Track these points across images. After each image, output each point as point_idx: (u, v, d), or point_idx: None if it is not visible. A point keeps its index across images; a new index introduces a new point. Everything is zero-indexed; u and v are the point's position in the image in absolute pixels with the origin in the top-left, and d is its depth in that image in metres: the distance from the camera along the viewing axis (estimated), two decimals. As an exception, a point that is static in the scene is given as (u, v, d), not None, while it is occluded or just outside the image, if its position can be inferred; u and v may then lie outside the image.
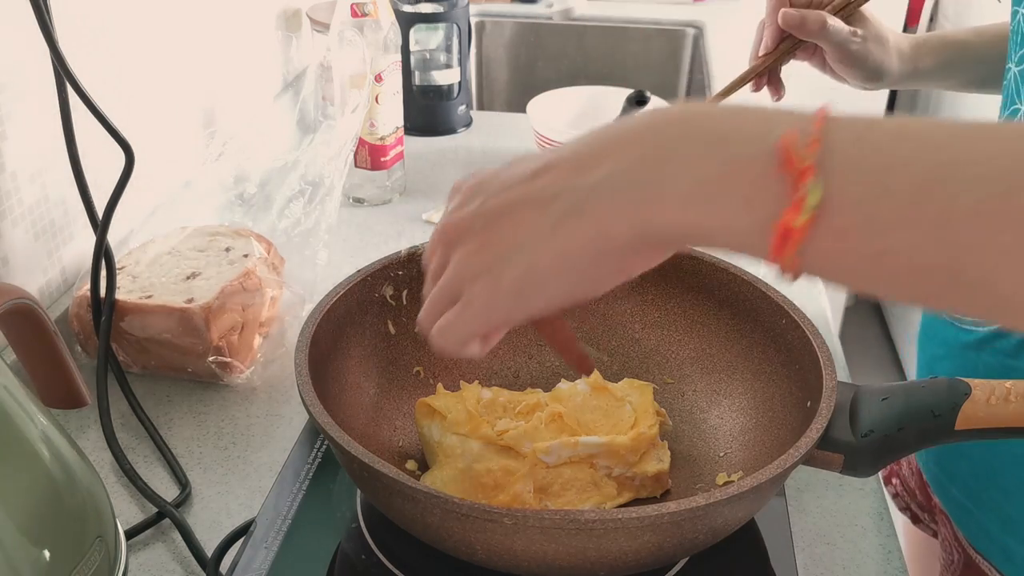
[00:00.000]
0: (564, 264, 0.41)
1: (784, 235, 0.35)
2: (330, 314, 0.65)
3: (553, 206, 0.41)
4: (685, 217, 0.38)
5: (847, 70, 0.89)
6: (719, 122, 0.38)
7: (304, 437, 0.70)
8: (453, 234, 0.45)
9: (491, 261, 0.43)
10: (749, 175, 0.36)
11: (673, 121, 0.39)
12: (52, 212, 0.84)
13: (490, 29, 1.84)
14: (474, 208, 0.44)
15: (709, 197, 0.37)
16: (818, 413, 0.56)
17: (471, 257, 0.44)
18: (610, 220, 0.39)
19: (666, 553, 0.53)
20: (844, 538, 0.65)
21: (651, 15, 1.83)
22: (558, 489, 0.61)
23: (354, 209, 1.12)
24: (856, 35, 0.86)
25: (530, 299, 0.42)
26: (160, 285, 0.80)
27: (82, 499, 0.49)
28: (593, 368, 0.59)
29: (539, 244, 0.41)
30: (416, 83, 1.31)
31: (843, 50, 0.87)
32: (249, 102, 1.22)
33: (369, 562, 0.59)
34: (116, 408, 0.76)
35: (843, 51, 0.87)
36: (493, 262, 0.43)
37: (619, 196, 0.39)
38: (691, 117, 0.39)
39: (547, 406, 0.64)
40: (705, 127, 0.38)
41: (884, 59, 0.88)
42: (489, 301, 0.43)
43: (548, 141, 1.16)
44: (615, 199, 0.39)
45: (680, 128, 0.39)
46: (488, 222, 0.43)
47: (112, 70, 0.91)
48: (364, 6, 1.04)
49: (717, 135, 0.38)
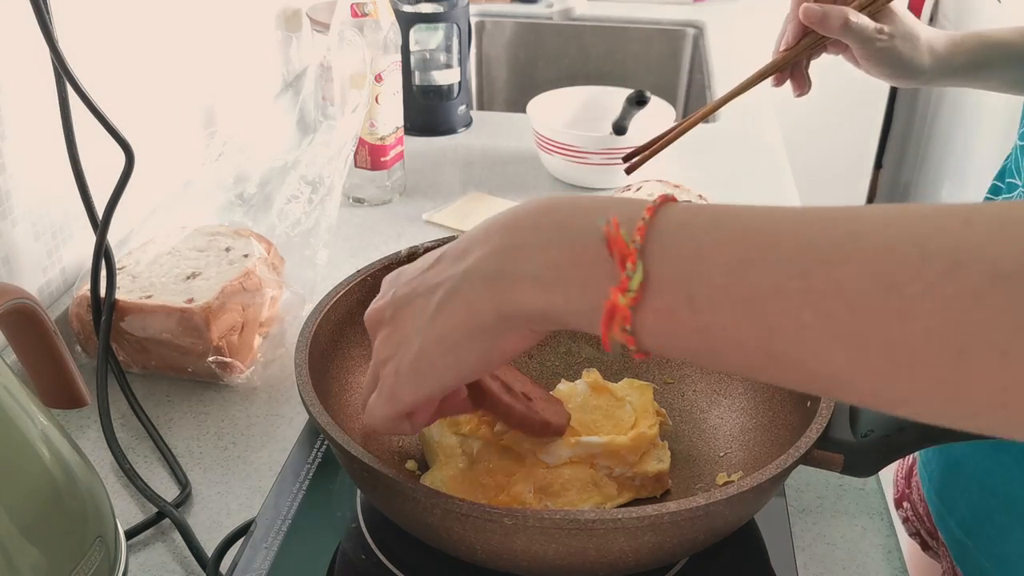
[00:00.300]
0: (443, 344, 0.45)
1: (611, 312, 0.38)
2: (330, 314, 0.65)
3: (436, 294, 0.45)
4: (536, 299, 0.41)
5: (875, 68, 0.87)
6: (563, 214, 0.42)
7: (304, 437, 0.70)
8: (370, 323, 0.50)
9: (394, 346, 0.48)
10: (585, 260, 0.40)
11: (530, 212, 0.43)
12: (52, 212, 0.84)
13: (490, 29, 1.85)
14: (387, 300, 0.49)
15: (553, 281, 0.41)
16: (818, 413, 0.56)
17: (382, 344, 0.49)
18: (476, 301, 0.43)
19: (666, 553, 0.53)
20: (844, 538, 0.65)
21: (651, 15, 1.83)
22: (558, 489, 0.61)
23: (354, 209, 1.12)
24: (883, 32, 0.84)
25: (425, 379, 0.46)
26: (160, 285, 0.80)
27: (82, 499, 0.49)
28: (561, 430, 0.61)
29: (425, 328, 0.46)
30: (416, 83, 1.31)
31: (869, 48, 0.85)
32: (249, 102, 1.22)
33: (369, 562, 0.59)
34: (116, 408, 0.76)
35: (869, 49, 0.85)
36: (396, 347, 0.48)
37: (483, 280, 0.43)
38: (543, 209, 0.43)
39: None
40: (552, 218, 0.42)
41: (914, 57, 0.86)
42: (394, 384, 0.48)
43: (548, 141, 1.16)
44: (480, 282, 0.43)
45: (534, 219, 0.43)
46: (395, 311, 0.48)
47: (112, 70, 0.91)
48: (364, 6, 1.04)
49: (559, 224, 0.41)
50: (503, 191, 1.17)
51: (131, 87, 0.94)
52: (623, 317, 0.38)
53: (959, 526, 0.75)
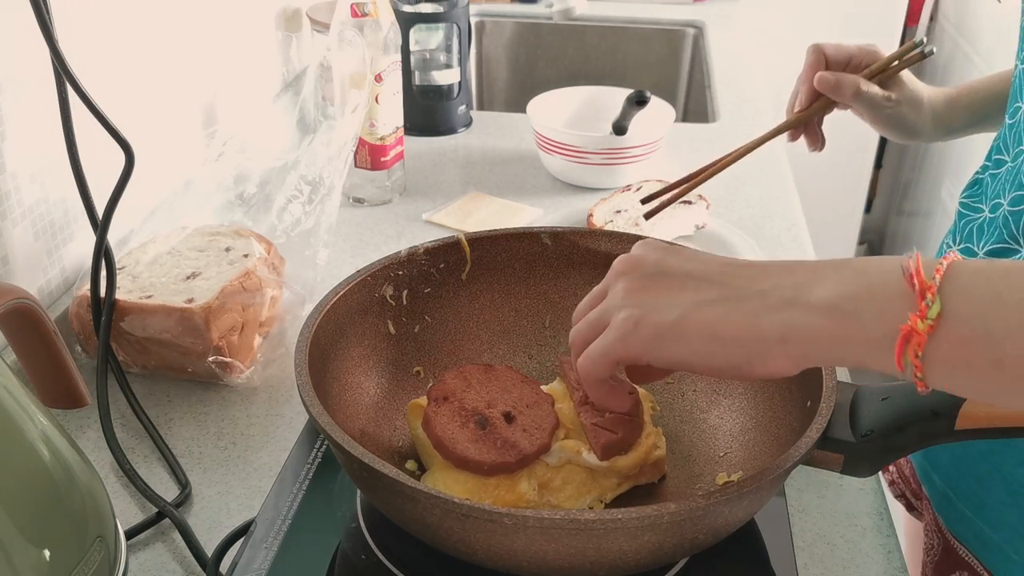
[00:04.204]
0: (706, 332, 0.48)
1: (907, 336, 0.42)
2: (330, 314, 0.65)
3: (721, 291, 0.48)
4: (829, 326, 0.45)
5: (881, 129, 0.94)
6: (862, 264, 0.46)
7: (304, 437, 0.70)
8: (626, 266, 0.52)
9: (645, 301, 0.50)
10: (884, 292, 0.44)
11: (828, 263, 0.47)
12: (52, 212, 0.84)
13: (490, 29, 1.84)
14: (655, 257, 0.52)
15: (851, 311, 0.44)
16: (818, 413, 0.56)
17: (627, 293, 0.51)
18: (764, 316, 0.46)
19: (666, 553, 0.53)
20: (844, 538, 0.65)
21: (651, 15, 1.83)
22: (559, 484, 0.61)
23: (354, 209, 1.12)
24: (890, 100, 0.90)
25: (664, 345, 0.49)
26: (160, 285, 0.80)
27: (82, 499, 0.49)
28: (612, 453, 0.62)
29: (691, 309, 0.48)
30: (416, 83, 1.31)
31: (878, 113, 0.91)
32: (249, 102, 1.22)
33: (369, 562, 0.59)
34: (116, 408, 0.76)
35: (878, 114, 0.91)
36: (643, 305, 0.50)
37: (779, 301, 0.47)
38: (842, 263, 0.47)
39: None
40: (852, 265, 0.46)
41: (917, 122, 0.93)
42: (628, 332, 0.49)
43: (548, 141, 1.16)
44: (775, 303, 0.47)
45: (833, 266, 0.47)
46: (659, 273, 0.51)
47: (112, 70, 0.91)
48: (364, 6, 1.04)
49: (859, 269, 0.45)
50: (503, 191, 1.17)
51: (131, 87, 0.94)
52: (918, 342, 0.42)
53: (942, 480, 0.79)
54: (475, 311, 0.74)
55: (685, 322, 0.48)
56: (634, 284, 0.51)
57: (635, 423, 0.62)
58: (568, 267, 0.74)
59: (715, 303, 0.48)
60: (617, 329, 0.50)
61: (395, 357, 0.71)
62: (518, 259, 0.74)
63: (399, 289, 0.71)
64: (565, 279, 0.75)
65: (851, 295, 0.44)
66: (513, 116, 1.41)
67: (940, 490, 0.79)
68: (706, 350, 0.48)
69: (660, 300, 0.49)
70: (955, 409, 0.54)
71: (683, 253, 0.52)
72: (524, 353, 0.75)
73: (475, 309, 0.74)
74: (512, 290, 0.75)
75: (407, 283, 0.71)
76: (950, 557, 0.78)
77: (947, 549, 0.79)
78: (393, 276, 0.70)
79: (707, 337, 0.48)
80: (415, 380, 0.71)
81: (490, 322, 0.75)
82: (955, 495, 0.77)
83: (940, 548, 0.80)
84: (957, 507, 0.77)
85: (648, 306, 0.49)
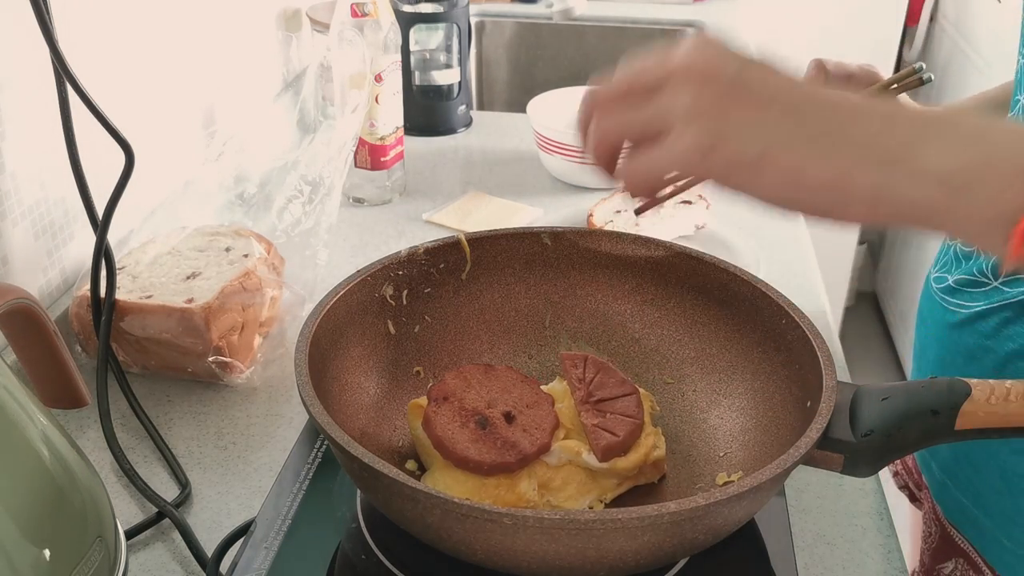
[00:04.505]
0: (791, 177, 0.42)
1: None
2: (330, 314, 0.65)
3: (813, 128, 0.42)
4: (936, 197, 0.40)
5: None
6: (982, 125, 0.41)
7: (304, 437, 0.70)
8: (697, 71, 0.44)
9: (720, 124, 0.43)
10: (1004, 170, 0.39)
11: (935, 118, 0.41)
12: (52, 212, 0.84)
13: (490, 29, 1.84)
14: (735, 67, 0.44)
15: (960, 184, 0.39)
16: (818, 413, 0.56)
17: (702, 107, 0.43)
18: (857, 172, 0.41)
19: (666, 553, 0.53)
20: (844, 538, 0.65)
21: (651, 15, 1.83)
22: (559, 484, 0.61)
23: (354, 209, 1.12)
24: None
25: (734, 178, 0.43)
26: (160, 285, 0.80)
27: (82, 499, 0.49)
28: (612, 455, 0.61)
29: (780, 147, 0.42)
30: (416, 83, 1.31)
31: None
32: (249, 102, 1.22)
33: (369, 562, 0.59)
34: (116, 408, 0.76)
35: None
36: (722, 127, 0.43)
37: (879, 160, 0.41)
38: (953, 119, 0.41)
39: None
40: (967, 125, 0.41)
41: None
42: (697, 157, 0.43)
43: (548, 141, 1.16)
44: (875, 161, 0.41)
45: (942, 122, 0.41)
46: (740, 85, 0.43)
47: (112, 70, 0.91)
48: (364, 6, 1.04)
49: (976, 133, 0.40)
50: (503, 191, 1.17)
51: (131, 87, 0.94)
52: None
53: (940, 468, 0.80)
54: (475, 311, 0.74)
55: (768, 160, 0.42)
56: (707, 98, 0.43)
57: (636, 424, 0.62)
58: (568, 267, 0.74)
59: (804, 143, 0.42)
60: (683, 150, 0.43)
61: (395, 357, 0.71)
62: (518, 259, 0.74)
63: (399, 289, 0.71)
64: (565, 279, 0.75)
65: (964, 166, 0.40)
66: (513, 116, 1.41)
67: (939, 479, 0.80)
68: (784, 194, 0.43)
69: (740, 126, 0.43)
70: (955, 409, 0.54)
71: (762, 65, 0.45)
72: (524, 353, 0.75)
73: (475, 309, 0.74)
74: (512, 290, 0.75)
75: (407, 283, 0.71)
76: (947, 544, 0.79)
77: (944, 536, 0.80)
78: (393, 276, 0.70)
79: (790, 182, 0.43)
80: (415, 380, 0.71)
81: (490, 322, 0.75)
82: (952, 483, 0.78)
83: (938, 535, 0.81)
84: (954, 495, 0.78)
85: (724, 133, 0.43)
